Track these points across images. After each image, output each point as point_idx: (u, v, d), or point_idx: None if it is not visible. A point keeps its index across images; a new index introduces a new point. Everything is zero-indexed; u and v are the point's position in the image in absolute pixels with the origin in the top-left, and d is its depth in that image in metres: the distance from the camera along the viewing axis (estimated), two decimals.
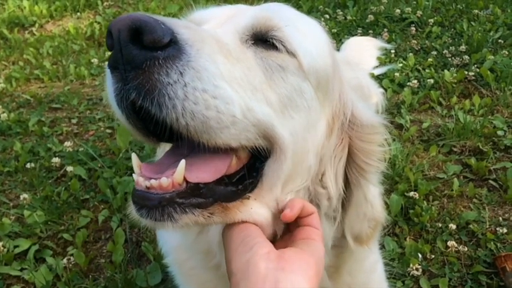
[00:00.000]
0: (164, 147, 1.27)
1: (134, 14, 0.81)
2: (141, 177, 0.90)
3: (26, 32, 5.30)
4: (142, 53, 0.81)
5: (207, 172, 0.94)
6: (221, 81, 0.88)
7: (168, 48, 0.82)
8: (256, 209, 1.02)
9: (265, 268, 0.89)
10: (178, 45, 0.83)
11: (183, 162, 0.89)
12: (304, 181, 1.12)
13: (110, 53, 0.86)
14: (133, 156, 0.97)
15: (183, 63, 0.83)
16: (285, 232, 1.11)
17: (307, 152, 1.09)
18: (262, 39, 1.02)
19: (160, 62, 0.81)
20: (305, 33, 1.08)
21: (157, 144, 1.04)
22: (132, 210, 0.92)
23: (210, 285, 1.34)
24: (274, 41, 1.01)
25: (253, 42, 1.02)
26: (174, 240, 1.44)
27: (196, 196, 0.92)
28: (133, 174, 0.94)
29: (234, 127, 0.90)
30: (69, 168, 2.81)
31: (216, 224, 0.99)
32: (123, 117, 0.91)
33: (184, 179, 0.90)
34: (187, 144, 0.93)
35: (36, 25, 5.39)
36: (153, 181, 0.88)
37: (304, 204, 1.07)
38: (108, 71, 0.87)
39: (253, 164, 1.03)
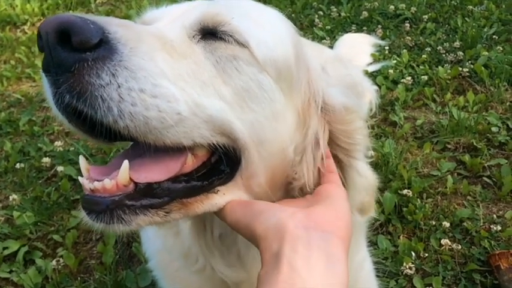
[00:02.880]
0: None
1: (62, 15, 0.79)
2: (86, 180, 0.88)
3: (18, 30, 5.25)
4: (71, 56, 0.78)
5: (156, 171, 0.91)
6: (161, 79, 0.85)
7: (98, 48, 0.79)
8: (228, 198, 1.01)
9: (295, 227, 0.88)
10: (109, 45, 0.81)
11: (125, 162, 0.87)
12: (281, 171, 1.09)
13: None
14: (81, 158, 0.95)
15: (115, 64, 0.80)
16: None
17: (281, 142, 1.06)
18: (211, 33, 0.99)
19: (90, 63, 0.79)
20: (260, 23, 1.04)
21: (110, 144, 1.01)
22: (83, 215, 0.90)
23: (195, 287, 1.32)
24: (223, 36, 0.98)
25: (201, 36, 0.99)
26: (156, 244, 1.42)
27: (149, 196, 0.90)
28: (79, 178, 0.92)
29: (182, 125, 0.87)
30: (60, 168, 2.77)
31: (176, 221, 0.98)
32: (65, 120, 0.89)
33: (132, 180, 0.88)
34: (138, 147, 0.90)
35: (28, 23, 5.34)
36: (96, 183, 0.86)
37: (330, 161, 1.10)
38: (43, 74, 0.85)
39: (218, 161, 1.00)
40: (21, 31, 5.22)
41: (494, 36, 4.13)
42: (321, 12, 4.93)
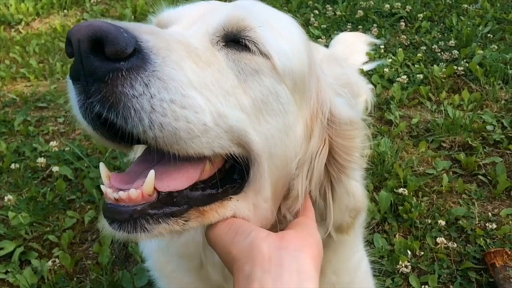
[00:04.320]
0: (137, 149, 1.24)
1: (95, 23, 0.77)
2: (109, 189, 0.87)
3: (12, 30, 5.23)
4: (104, 65, 0.76)
5: (178, 180, 0.91)
6: (190, 89, 0.84)
7: (131, 58, 0.78)
8: (240, 208, 1.01)
9: (268, 248, 0.89)
10: (142, 54, 0.79)
11: (152, 173, 0.86)
12: (284, 184, 1.09)
13: None
14: (101, 165, 0.93)
15: (148, 74, 0.79)
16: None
17: (287, 156, 1.06)
18: (235, 40, 0.98)
19: (124, 73, 0.77)
20: (280, 31, 1.04)
21: (130, 149, 1.01)
22: (104, 224, 0.88)
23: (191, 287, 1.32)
24: (247, 42, 0.97)
25: (224, 43, 0.98)
26: (152, 243, 1.42)
27: (170, 205, 0.89)
28: (101, 186, 0.91)
29: (206, 135, 0.87)
30: (55, 169, 2.77)
31: (192, 229, 0.97)
32: (89, 128, 0.87)
33: (155, 188, 0.87)
34: (157, 152, 0.89)
35: (23, 23, 5.33)
36: (121, 193, 0.85)
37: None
38: (70, 82, 0.83)
39: (232, 168, 1.00)
40: (15, 31, 5.20)
41: (489, 35, 4.15)
42: (316, 11, 4.94)
